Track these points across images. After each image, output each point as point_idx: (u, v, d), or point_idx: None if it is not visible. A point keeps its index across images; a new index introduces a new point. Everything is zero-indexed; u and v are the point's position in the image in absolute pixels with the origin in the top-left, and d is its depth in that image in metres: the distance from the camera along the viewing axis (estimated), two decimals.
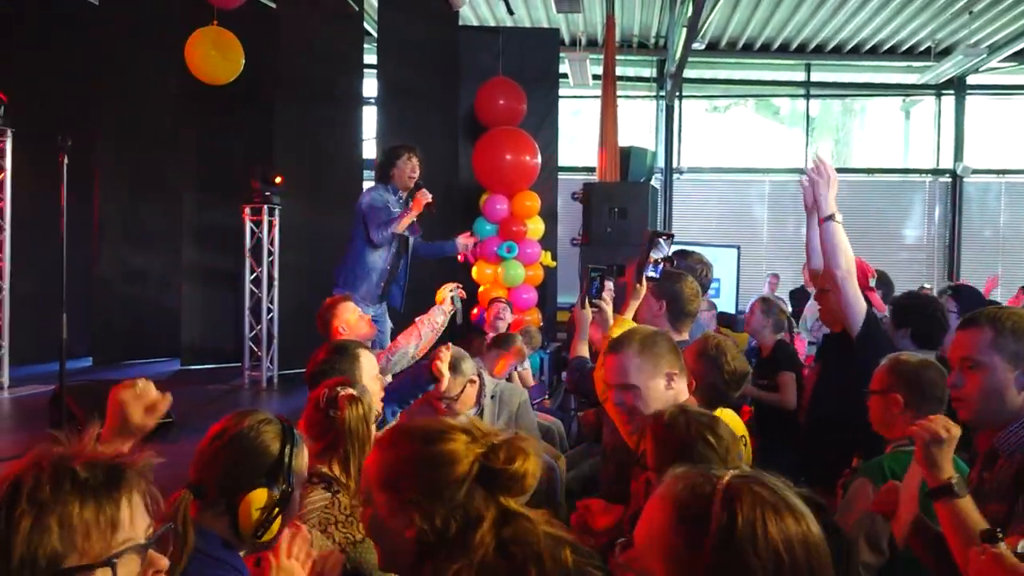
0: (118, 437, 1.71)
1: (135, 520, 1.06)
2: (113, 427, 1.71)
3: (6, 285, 7.26)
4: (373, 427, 2.24)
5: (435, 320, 3.47)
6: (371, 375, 2.74)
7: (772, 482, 1.07)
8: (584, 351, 3.06)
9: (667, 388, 2.28)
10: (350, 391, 2.21)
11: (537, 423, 4.08)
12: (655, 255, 3.06)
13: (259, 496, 1.65)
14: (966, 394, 1.86)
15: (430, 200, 5.11)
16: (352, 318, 3.68)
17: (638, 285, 2.99)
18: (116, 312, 8.95)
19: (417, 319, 3.51)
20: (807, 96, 13.01)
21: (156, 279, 9.30)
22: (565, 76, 10.49)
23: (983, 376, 1.83)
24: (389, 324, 5.36)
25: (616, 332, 2.75)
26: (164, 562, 1.11)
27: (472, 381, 3.42)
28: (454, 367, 3.30)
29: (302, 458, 1.77)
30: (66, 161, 4.49)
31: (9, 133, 7.18)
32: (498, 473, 1.35)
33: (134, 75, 8.77)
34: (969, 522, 1.60)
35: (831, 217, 2.84)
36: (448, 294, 3.54)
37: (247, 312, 7.92)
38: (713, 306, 6.15)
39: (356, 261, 5.11)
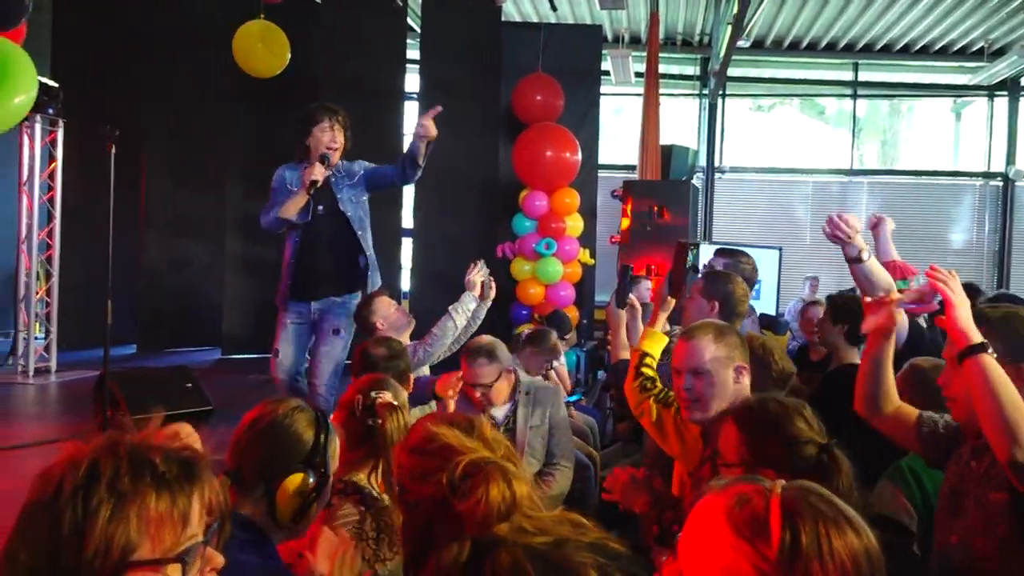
0: None
1: (201, 515, 1.07)
2: None
3: (56, 273, 7.44)
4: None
5: (467, 306, 3.47)
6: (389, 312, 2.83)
7: (824, 493, 1.05)
8: (624, 353, 3.03)
9: (735, 381, 2.30)
10: (387, 397, 2.15)
11: (571, 422, 4.07)
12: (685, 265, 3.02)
13: (296, 481, 1.67)
14: (954, 393, 1.88)
15: (318, 177, 4.14)
16: (390, 312, 3.71)
17: (669, 297, 2.95)
18: (161, 301, 9.13)
19: (449, 308, 3.54)
20: (854, 96, 12.77)
21: (200, 269, 9.46)
22: (607, 73, 10.43)
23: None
24: (343, 338, 4.36)
25: (646, 345, 2.73)
26: (220, 559, 1.11)
27: (508, 371, 3.41)
28: (490, 354, 3.33)
29: (335, 446, 1.78)
30: (113, 151, 4.57)
31: (61, 124, 7.36)
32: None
33: (182, 67, 8.92)
34: (1000, 377, 1.69)
35: (862, 259, 2.68)
36: (479, 278, 3.55)
37: None
38: (752, 309, 6.08)
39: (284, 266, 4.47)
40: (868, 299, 2.03)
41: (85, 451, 1.03)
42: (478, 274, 3.58)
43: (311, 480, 1.68)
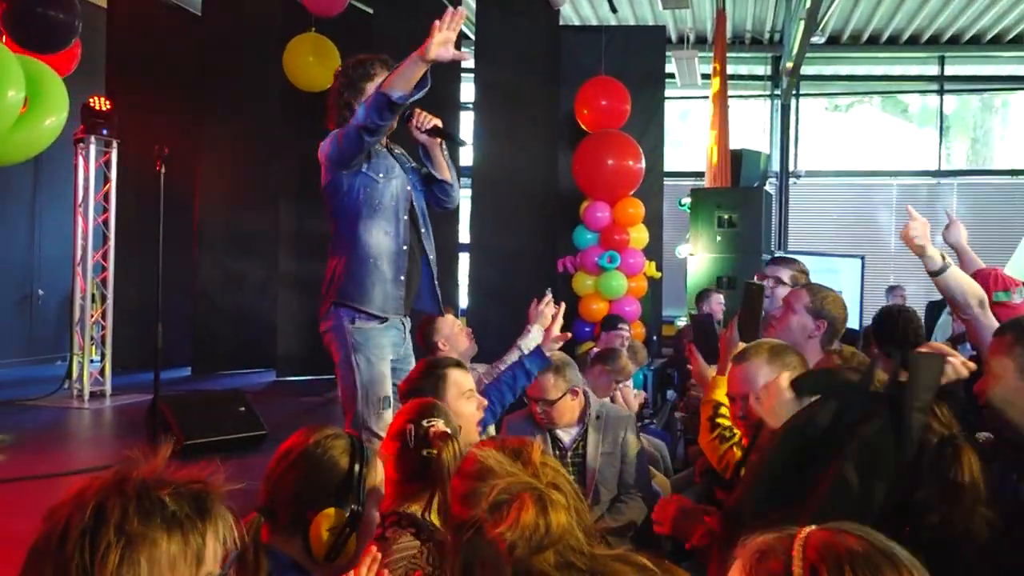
0: None
1: (216, 551, 1.05)
2: None
3: (110, 294, 7.65)
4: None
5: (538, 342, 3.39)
6: (462, 393, 2.70)
7: (862, 532, 0.96)
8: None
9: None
10: (440, 425, 2.09)
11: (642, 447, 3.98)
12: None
13: (329, 516, 1.63)
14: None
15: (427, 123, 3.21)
16: (453, 331, 3.68)
17: (742, 342, 2.81)
18: (215, 321, 9.31)
19: (518, 341, 3.46)
20: (940, 91, 12.39)
21: (253, 288, 9.63)
22: (672, 76, 10.32)
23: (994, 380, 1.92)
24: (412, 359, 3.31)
25: (718, 394, 2.63)
26: None
27: (575, 392, 3.35)
28: (558, 369, 3.28)
29: (374, 475, 1.74)
30: (163, 171, 4.66)
31: (115, 144, 7.58)
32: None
33: (235, 83, 9.13)
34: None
35: (944, 266, 2.63)
36: (550, 311, 3.42)
37: None
38: None
39: (350, 254, 3.15)
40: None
41: (91, 490, 1.01)
42: (550, 306, 3.47)
43: (346, 513, 1.64)
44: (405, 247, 3.19)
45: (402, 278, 3.17)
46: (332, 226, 3.27)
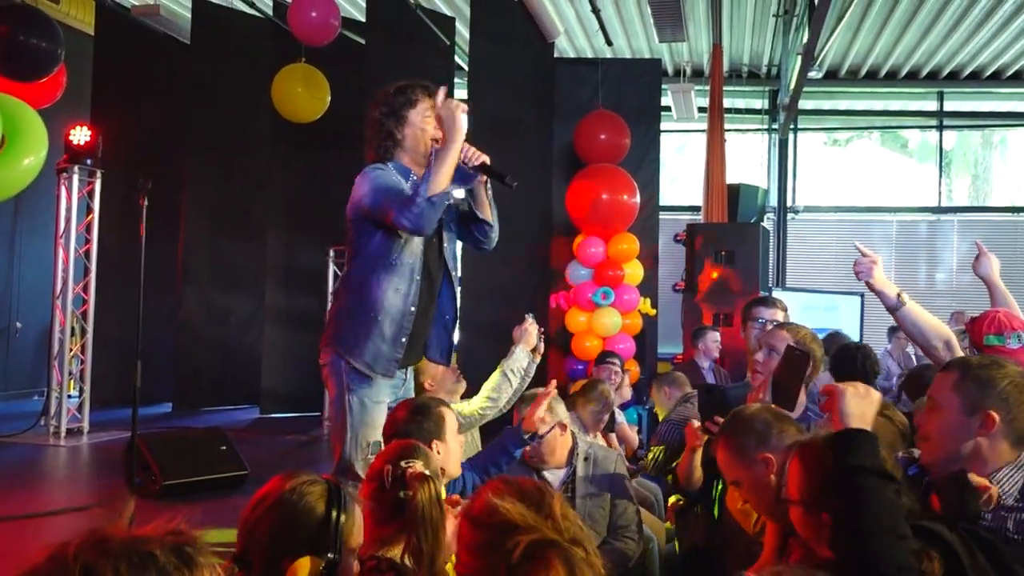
0: None
1: None
2: None
3: (90, 327, 7.63)
4: (445, 506, 2.15)
5: (520, 364, 3.41)
6: (455, 430, 2.73)
7: None
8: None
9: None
10: (417, 466, 2.10)
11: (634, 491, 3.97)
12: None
13: (305, 564, 1.61)
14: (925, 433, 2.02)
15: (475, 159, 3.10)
16: (438, 370, 3.68)
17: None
18: (198, 356, 9.29)
19: (501, 364, 3.48)
20: (940, 127, 12.54)
21: (238, 323, 9.63)
22: (668, 109, 10.44)
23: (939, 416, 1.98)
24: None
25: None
26: None
27: (562, 426, 3.35)
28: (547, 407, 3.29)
29: (353, 523, 1.73)
30: (146, 204, 4.69)
31: (99, 175, 7.61)
32: None
33: (223, 114, 9.20)
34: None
35: (899, 303, 2.72)
36: (535, 331, 3.47)
37: None
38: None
39: (355, 301, 3.10)
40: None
41: (70, 554, 0.98)
42: (534, 326, 3.51)
43: (321, 562, 1.63)
44: (413, 308, 3.10)
45: (403, 339, 3.09)
46: (348, 261, 3.23)
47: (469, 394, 3.82)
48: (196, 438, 5.91)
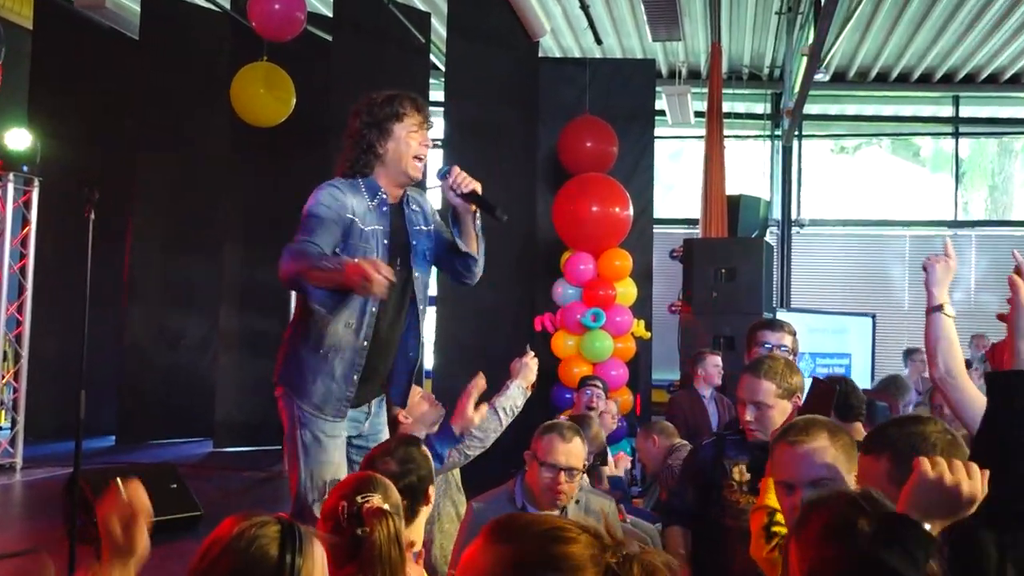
0: (117, 560, 1.71)
1: None
2: (110, 549, 1.70)
3: (25, 352, 7.53)
4: (405, 548, 2.14)
5: (515, 402, 3.40)
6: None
7: None
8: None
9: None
10: (376, 502, 2.10)
11: (626, 528, 3.96)
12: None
13: None
14: None
15: (464, 186, 3.14)
16: (413, 400, 3.65)
17: None
18: (145, 384, 9.20)
19: (493, 400, 3.47)
20: (955, 134, 12.69)
21: (190, 346, 9.55)
22: (662, 113, 10.51)
23: None
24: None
25: (772, 499, 2.59)
26: None
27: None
28: (578, 432, 3.32)
29: (313, 565, 1.70)
30: (92, 217, 4.63)
31: (36, 183, 7.54)
32: None
33: (176, 116, 9.16)
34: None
35: (939, 308, 2.79)
36: (534, 365, 3.48)
37: None
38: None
39: (304, 334, 3.10)
40: None
41: None
42: (534, 361, 3.50)
43: None
44: (366, 343, 3.07)
45: (355, 377, 3.07)
46: (300, 303, 3.23)
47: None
48: (144, 475, 5.76)
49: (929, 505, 1.63)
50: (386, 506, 2.10)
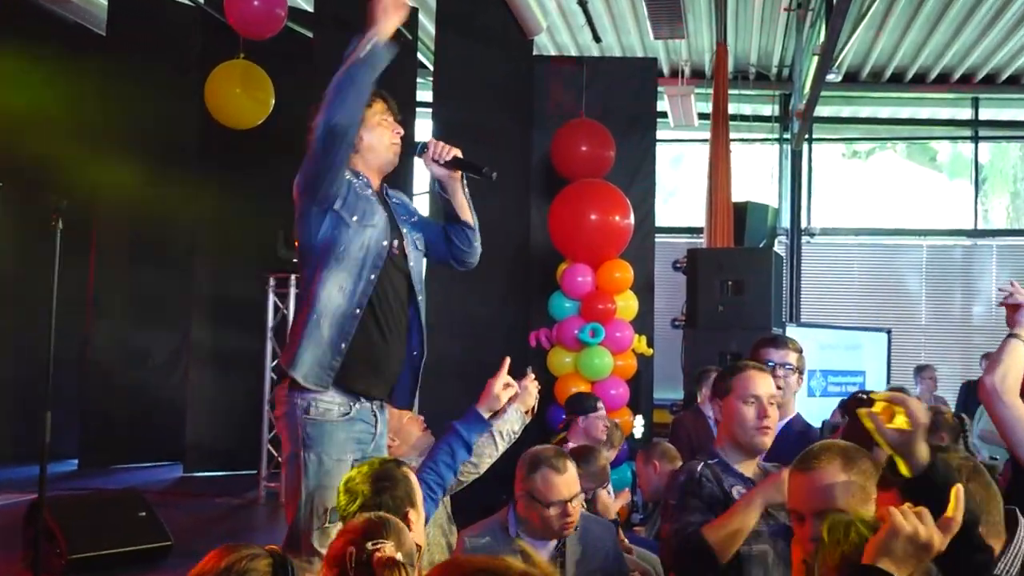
0: None
1: None
2: None
3: None
4: None
5: (513, 428, 3.40)
6: (420, 496, 2.71)
7: None
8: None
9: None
10: (388, 550, 2.04)
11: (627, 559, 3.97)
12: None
13: None
14: None
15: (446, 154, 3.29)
16: (402, 422, 3.65)
17: None
18: (110, 403, 9.15)
19: (492, 426, 3.46)
20: (975, 138, 12.76)
21: (158, 364, 9.51)
22: (664, 115, 10.55)
23: None
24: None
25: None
26: None
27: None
28: (573, 461, 3.37)
29: None
30: (60, 227, 4.62)
31: None
32: None
33: (145, 118, 9.13)
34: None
35: (1015, 335, 3.12)
36: (535, 389, 3.46)
37: (266, 406, 8.00)
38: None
39: (302, 309, 3.19)
40: None
41: None
42: (534, 384, 3.50)
43: None
44: (359, 310, 3.11)
45: (343, 346, 3.09)
46: (301, 280, 3.31)
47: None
48: (109, 502, 5.81)
49: (903, 554, 1.78)
50: (399, 555, 2.05)
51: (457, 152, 3.28)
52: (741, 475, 3.04)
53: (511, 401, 3.35)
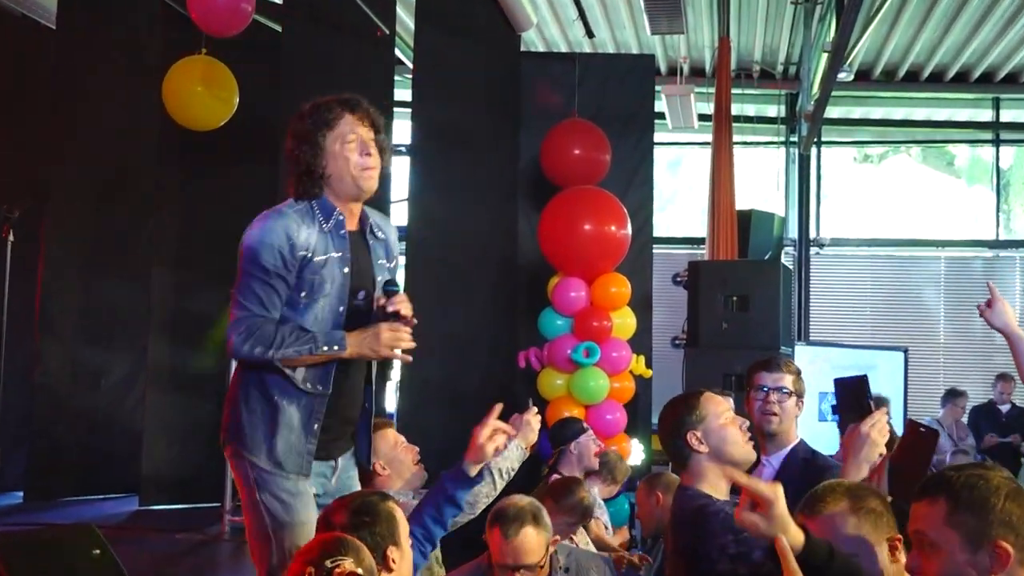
0: None
1: None
2: None
3: None
4: None
5: (513, 465, 3.39)
6: (405, 535, 2.71)
7: None
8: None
9: (892, 561, 2.36)
10: (347, 566, 2.12)
11: None
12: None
13: None
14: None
15: (402, 310, 3.18)
16: (396, 451, 3.66)
17: (891, 494, 2.85)
18: (59, 429, 9.06)
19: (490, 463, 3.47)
20: (996, 141, 12.85)
21: (112, 386, 9.44)
22: (662, 116, 10.59)
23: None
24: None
25: None
26: None
27: (554, 542, 3.40)
28: (536, 517, 3.42)
29: None
30: (11, 239, 4.60)
31: None
32: None
33: (97, 118, 9.09)
34: None
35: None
36: (536, 423, 3.46)
37: None
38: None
39: (253, 383, 3.16)
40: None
41: None
42: (536, 418, 3.51)
43: None
44: (327, 390, 3.12)
45: (315, 427, 3.11)
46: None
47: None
48: (60, 538, 5.71)
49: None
50: (360, 571, 2.13)
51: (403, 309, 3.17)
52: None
53: (511, 438, 3.35)
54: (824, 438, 5.20)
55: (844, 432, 3.04)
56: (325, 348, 3.02)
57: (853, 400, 3.07)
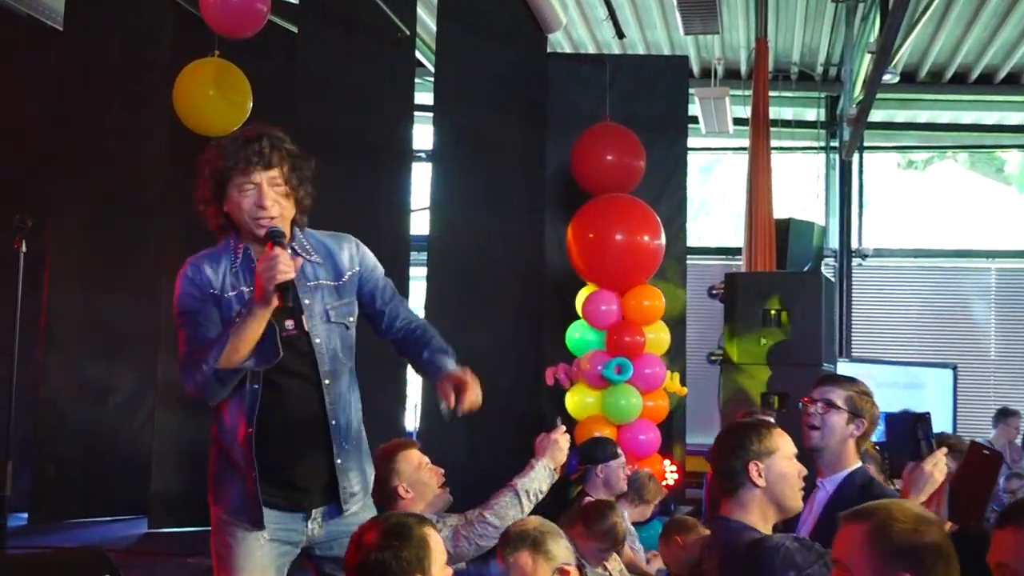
0: None
1: None
2: None
3: None
4: None
5: (541, 487, 3.39)
6: (439, 565, 2.68)
7: None
8: None
9: None
10: None
11: None
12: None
13: None
14: None
15: (287, 270, 2.94)
16: (420, 473, 3.66)
17: (951, 520, 2.87)
18: (65, 449, 9.10)
19: (514, 481, 3.47)
20: None
21: (121, 404, 9.47)
22: (695, 120, 10.57)
23: None
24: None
25: None
26: None
27: (562, 570, 3.35)
28: (536, 544, 3.31)
29: None
30: (23, 250, 4.62)
31: None
32: None
33: (105, 123, 9.14)
34: None
35: None
36: (566, 443, 3.48)
37: None
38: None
39: (215, 427, 3.28)
40: None
41: None
42: (565, 438, 3.52)
43: None
44: (250, 429, 3.13)
45: (253, 474, 3.14)
46: None
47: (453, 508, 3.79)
48: (68, 563, 5.75)
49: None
50: None
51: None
52: None
53: (538, 456, 3.35)
54: None
55: (892, 464, 3.07)
56: (239, 318, 3.03)
57: (909, 436, 3.06)
